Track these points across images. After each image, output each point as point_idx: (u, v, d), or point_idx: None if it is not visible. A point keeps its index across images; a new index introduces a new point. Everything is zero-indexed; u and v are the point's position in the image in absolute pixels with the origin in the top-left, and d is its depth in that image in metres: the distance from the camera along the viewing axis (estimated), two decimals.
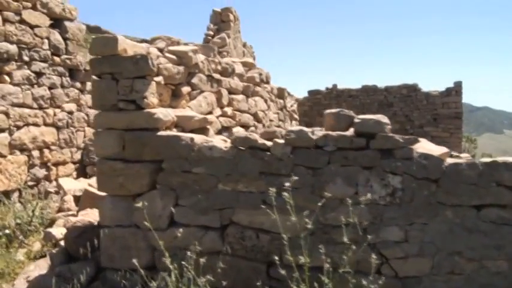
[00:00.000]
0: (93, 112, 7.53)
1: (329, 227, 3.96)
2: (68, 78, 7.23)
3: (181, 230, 4.00)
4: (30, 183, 6.50)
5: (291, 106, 10.30)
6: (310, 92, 18.46)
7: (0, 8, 5.96)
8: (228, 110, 5.85)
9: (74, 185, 6.73)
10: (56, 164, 7.06)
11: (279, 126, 8.50)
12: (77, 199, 6.60)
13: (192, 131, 4.70)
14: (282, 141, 4.06)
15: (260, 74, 7.23)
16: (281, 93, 8.67)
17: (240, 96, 6.34)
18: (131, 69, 4.40)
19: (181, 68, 4.93)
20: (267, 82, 7.68)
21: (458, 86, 20.45)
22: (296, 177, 3.53)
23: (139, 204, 3.99)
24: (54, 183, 6.99)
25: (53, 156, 6.96)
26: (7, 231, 5.58)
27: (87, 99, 7.67)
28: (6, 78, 6.12)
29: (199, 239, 4.19)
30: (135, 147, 4.41)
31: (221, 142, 4.38)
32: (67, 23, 7.16)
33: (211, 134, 4.78)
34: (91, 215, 6.07)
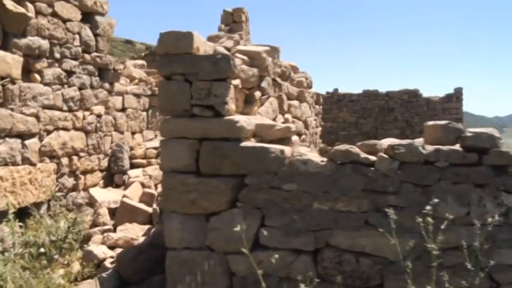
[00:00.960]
0: (120, 115, 6.93)
1: (438, 250, 3.65)
2: (98, 78, 6.60)
3: (267, 253, 3.55)
4: (58, 193, 5.85)
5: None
6: None
7: None
8: (289, 117, 5.36)
9: (107, 196, 6.12)
10: (84, 172, 6.42)
11: (316, 133, 8.06)
12: (111, 212, 6.00)
13: (270, 142, 4.19)
14: (385, 155, 3.66)
15: (306, 78, 6.78)
16: (318, 99, 8.23)
17: (296, 102, 5.86)
18: (209, 70, 3.87)
19: (255, 71, 4.42)
20: (310, 87, 7.23)
21: (458, 92, 20.45)
22: (403, 195, 3.28)
23: (216, 224, 3.55)
24: (82, 193, 6.34)
25: (81, 164, 6.32)
26: (42, 249, 4.94)
27: (114, 101, 7.04)
28: (37, 76, 5.48)
29: (288, 264, 3.74)
30: (213, 160, 3.90)
31: (316, 155, 3.91)
32: (98, 18, 6.53)
33: (295, 145, 4.29)
34: (131, 231, 5.49)
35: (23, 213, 5.24)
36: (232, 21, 14.54)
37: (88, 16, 6.35)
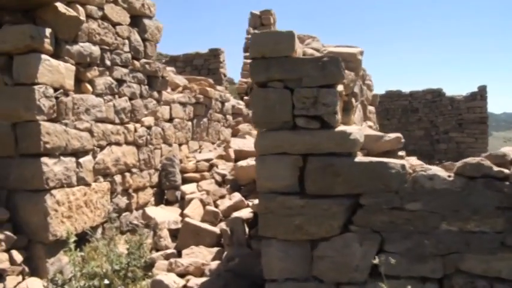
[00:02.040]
0: (168, 126, 6.39)
1: None
2: (147, 87, 6.06)
3: (389, 283, 3.05)
4: (113, 215, 5.29)
5: None
6: None
7: (83, 1, 4.78)
8: (372, 124, 4.77)
9: (165, 216, 5.56)
10: (136, 190, 5.86)
11: None
12: (171, 233, 5.43)
13: (376, 155, 3.60)
14: None
15: (370, 80, 6.19)
16: (374, 100, 7.61)
17: (372, 108, 5.27)
18: (315, 75, 3.31)
19: (353, 75, 3.84)
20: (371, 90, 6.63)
21: (482, 90, 19.75)
22: None
23: (326, 252, 3.21)
24: (135, 213, 5.79)
25: (133, 181, 5.77)
26: (106, 281, 4.39)
27: (162, 111, 6.49)
28: (89, 87, 4.94)
29: None
30: (323, 178, 3.34)
31: (441, 170, 3.32)
32: (146, 21, 5.99)
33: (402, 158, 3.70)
34: (199, 255, 4.90)
35: (78, 239, 4.69)
36: (261, 24, 14.07)
37: (136, 19, 5.81)
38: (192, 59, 16.73)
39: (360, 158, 3.33)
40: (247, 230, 5.09)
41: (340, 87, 3.48)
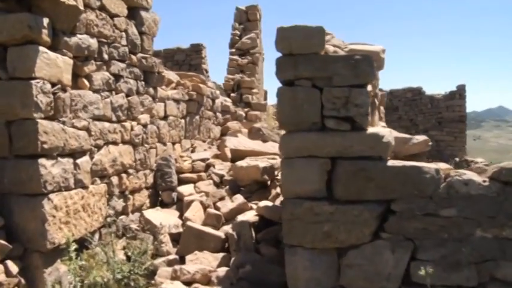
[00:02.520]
0: (163, 124, 6.10)
1: None
2: (143, 83, 5.74)
3: None
4: (109, 219, 4.99)
5: None
6: None
7: None
8: (385, 125, 4.61)
9: (164, 219, 5.28)
10: (132, 192, 5.55)
11: None
12: (172, 237, 5.17)
13: (403, 159, 3.45)
14: None
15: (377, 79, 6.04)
16: (383, 100, 7.47)
17: (382, 108, 5.12)
18: (346, 74, 3.13)
19: (377, 74, 3.67)
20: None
21: (461, 89, 20.13)
22: None
23: (355, 260, 3.11)
24: (131, 216, 5.48)
25: (130, 182, 5.46)
26: None
27: (158, 108, 6.19)
28: (86, 82, 4.60)
29: None
30: (355, 183, 3.17)
31: (475, 175, 3.19)
32: (143, 13, 5.67)
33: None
34: (204, 261, 4.66)
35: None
36: (247, 19, 13.80)
37: (133, 11, 5.48)
38: (173, 54, 16.34)
39: (392, 162, 3.17)
40: (253, 234, 4.89)
41: (369, 87, 3.31)
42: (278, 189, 5.87)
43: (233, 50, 12.59)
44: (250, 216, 5.17)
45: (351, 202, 3.16)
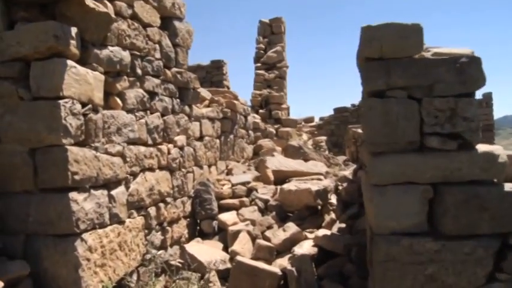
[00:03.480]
0: (199, 146, 5.47)
1: None
2: (178, 100, 5.15)
3: None
4: (148, 255, 4.35)
5: None
6: (336, 110, 16.61)
7: None
8: None
9: (209, 254, 4.62)
10: (171, 223, 4.92)
11: None
12: (219, 274, 4.49)
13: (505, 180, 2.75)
14: None
15: None
16: None
17: None
18: (451, 81, 2.51)
19: None
20: None
21: (488, 97, 19.27)
22: None
23: None
24: (170, 250, 4.83)
25: (168, 212, 4.82)
26: None
27: (193, 128, 5.58)
28: (118, 101, 4.01)
29: None
30: (464, 214, 2.49)
31: None
32: (177, 23, 5.11)
33: None
34: None
35: None
36: (271, 33, 13.28)
37: (166, 21, 4.93)
38: (194, 71, 15.85)
39: (509, 186, 2.49)
40: (314, 269, 4.20)
41: None
42: (332, 215, 5.18)
43: (259, 64, 12.06)
44: (307, 247, 4.49)
45: (460, 237, 2.50)
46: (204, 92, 6.71)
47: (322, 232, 4.55)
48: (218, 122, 6.57)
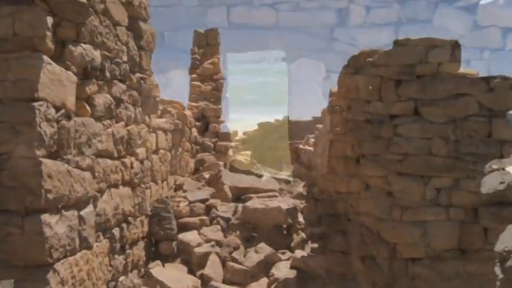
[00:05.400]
0: (155, 159, 5.06)
1: None
2: (140, 109, 4.66)
3: None
4: (112, 283, 3.81)
5: None
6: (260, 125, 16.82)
7: None
8: None
9: (178, 280, 4.20)
10: (131, 244, 4.39)
11: None
12: None
13: None
14: None
15: None
16: None
17: None
18: None
19: None
20: None
21: None
22: None
23: None
24: (130, 275, 4.30)
25: (130, 233, 4.30)
26: None
27: (151, 140, 5.11)
28: (87, 107, 3.49)
29: None
30: None
31: None
32: (142, 24, 4.64)
33: None
34: None
35: None
36: (207, 43, 12.95)
37: (132, 21, 4.44)
38: None
39: None
40: None
41: None
42: (302, 234, 5.01)
43: (194, 75, 11.67)
44: (286, 270, 4.26)
45: None
46: None
47: (301, 254, 4.36)
48: (169, 133, 6.12)
